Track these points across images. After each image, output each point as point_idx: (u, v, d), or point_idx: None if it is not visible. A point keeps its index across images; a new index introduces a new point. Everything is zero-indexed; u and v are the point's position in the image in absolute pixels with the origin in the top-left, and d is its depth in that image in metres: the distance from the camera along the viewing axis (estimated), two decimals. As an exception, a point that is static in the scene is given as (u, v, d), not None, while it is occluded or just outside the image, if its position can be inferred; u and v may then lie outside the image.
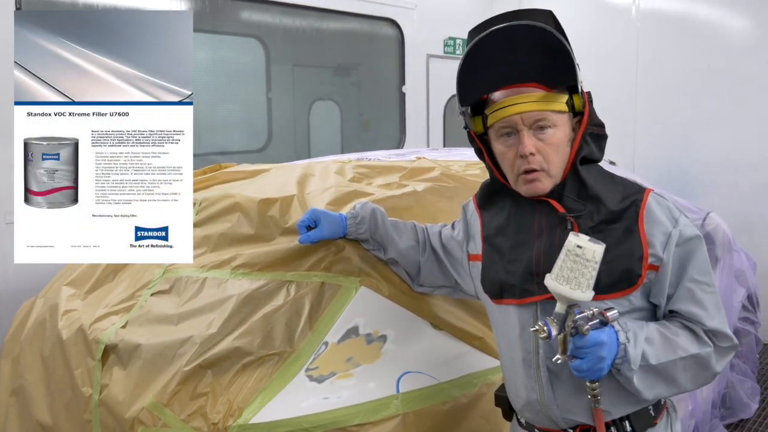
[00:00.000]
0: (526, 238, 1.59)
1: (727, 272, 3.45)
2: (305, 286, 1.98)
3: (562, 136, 1.53)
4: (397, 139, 5.79)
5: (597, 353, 1.38)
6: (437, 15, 5.91)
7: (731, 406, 3.77)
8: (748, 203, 5.06)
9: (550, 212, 1.56)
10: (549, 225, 1.56)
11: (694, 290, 1.50)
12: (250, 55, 5.04)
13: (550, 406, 1.58)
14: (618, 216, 1.52)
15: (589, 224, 1.52)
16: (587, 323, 1.38)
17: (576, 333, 1.38)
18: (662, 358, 1.45)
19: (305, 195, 2.33)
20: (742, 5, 5.10)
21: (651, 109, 5.57)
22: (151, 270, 2.28)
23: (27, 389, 2.23)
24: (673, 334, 1.48)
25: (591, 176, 1.56)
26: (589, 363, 1.39)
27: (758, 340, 3.96)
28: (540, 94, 1.51)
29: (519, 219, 1.63)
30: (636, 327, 1.46)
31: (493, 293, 1.66)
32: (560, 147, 1.53)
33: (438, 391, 1.88)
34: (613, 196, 1.54)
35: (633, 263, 1.49)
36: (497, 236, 1.67)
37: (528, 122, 1.51)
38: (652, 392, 1.48)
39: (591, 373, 1.40)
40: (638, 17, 5.61)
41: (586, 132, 1.55)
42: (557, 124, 1.52)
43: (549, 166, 1.52)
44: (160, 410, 1.80)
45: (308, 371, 1.84)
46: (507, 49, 1.50)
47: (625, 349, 1.42)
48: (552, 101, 1.51)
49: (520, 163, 1.53)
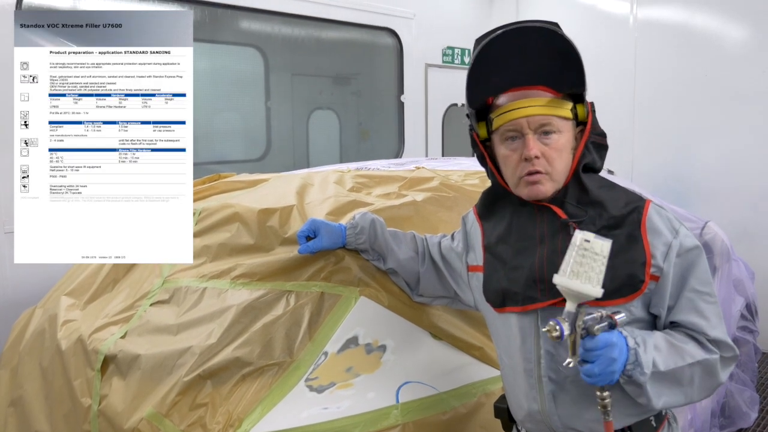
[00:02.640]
0: (528, 245, 1.60)
1: (726, 281, 3.45)
2: (305, 296, 1.98)
3: (566, 142, 1.54)
4: (395, 149, 5.80)
5: (609, 355, 1.36)
6: (436, 25, 5.94)
7: (730, 415, 3.76)
8: (746, 212, 5.07)
9: (552, 219, 1.57)
10: (551, 231, 1.57)
11: (696, 300, 1.50)
12: (249, 65, 5.05)
13: (551, 416, 1.58)
14: (620, 222, 1.52)
15: (591, 230, 1.50)
16: (597, 324, 1.37)
17: (586, 334, 1.37)
18: (671, 365, 1.44)
19: (305, 205, 2.34)
20: (739, 15, 5.12)
21: (649, 118, 5.59)
22: (151, 280, 2.28)
23: (26, 400, 2.23)
24: (679, 342, 1.48)
25: (593, 183, 1.57)
26: (600, 366, 1.36)
27: (757, 349, 3.96)
28: (546, 98, 1.52)
29: (520, 226, 1.63)
30: (644, 333, 1.46)
31: (495, 302, 1.66)
32: (563, 152, 1.54)
33: (437, 401, 1.88)
34: (614, 202, 1.55)
35: (636, 269, 1.49)
36: (499, 245, 1.67)
37: (533, 126, 1.52)
38: (660, 400, 1.46)
39: (602, 377, 1.37)
40: (636, 27, 5.64)
41: (589, 140, 1.56)
42: (561, 129, 1.53)
43: (552, 170, 1.53)
44: (160, 421, 1.79)
45: (308, 381, 1.84)
46: (517, 51, 1.51)
47: (636, 353, 1.40)
48: (558, 107, 1.52)
49: (524, 167, 1.53)
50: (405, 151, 5.77)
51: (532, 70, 1.52)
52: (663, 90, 5.48)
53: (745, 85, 5.05)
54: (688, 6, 5.35)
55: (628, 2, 5.68)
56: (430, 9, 5.90)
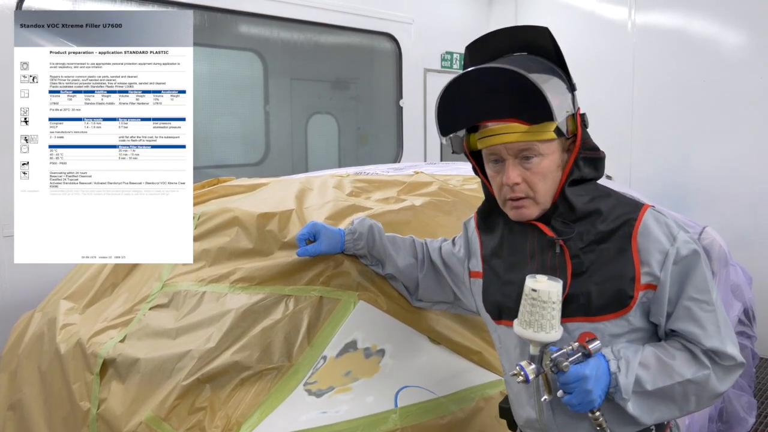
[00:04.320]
0: (519, 260, 1.60)
1: (724, 287, 3.46)
2: (304, 301, 1.98)
3: (550, 164, 1.51)
4: (394, 153, 5.81)
5: (582, 387, 1.38)
6: (434, 30, 5.96)
7: (728, 420, 3.76)
8: (744, 217, 5.08)
9: (541, 235, 1.56)
10: (540, 247, 1.57)
11: (692, 309, 1.48)
12: (248, 69, 5.06)
13: (549, 426, 1.58)
14: (608, 236, 1.51)
15: (579, 245, 1.51)
16: (567, 359, 1.38)
17: (557, 370, 1.39)
18: (659, 383, 1.44)
19: (304, 209, 2.34)
20: (737, 20, 5.14)
21: (647, 123, 5.60)
22: (150, 284, 2.29)
23: (24, 403, 2.23)
24: (669, 357, 1.47)
25: (581, 198, 1.54)
26: (578, 397, 1.39)
27: (755, 355, 3.96)
28: (525, 126, 1.49)
29: (512, 241, 1.64)
30: (630, 353, 1.45)
31: (492, 314, 1.68)
32: (548, 175, 1.51)
33: (436, 405, 1.88)
34: (604, 216, 1.53)
35: (624, 284, 1.48)
36: (493, 258, 1.68)
37: (513, 152, 1.50)
38: (652, 417, 1.47)
39: (582, 407, 1.40)
40: (634, 32, 5.65)
41: (579, 157, 1.54)
42: (544, 152, 1.50)
43: (535, 194, 1.52)
44: (159, 424, 1.80)
45: (307, 385, 1.84)
46: (484, 89, 1.50)
47: (616, 378, 1.42)
48: (538, 131, 1.48)
49: (506, 191, 1.54)
50: (403, 156, 5.78)
51: (502, 106, 1.50)
52: (661, 95, 5.49)
53: (742, 90, 5.06)
54: (686, 11, 5.36)
55: (626, 7, 5.70)
56: (429, 14, 5.92)
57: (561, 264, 1.52)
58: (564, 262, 1.52)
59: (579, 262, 1.51)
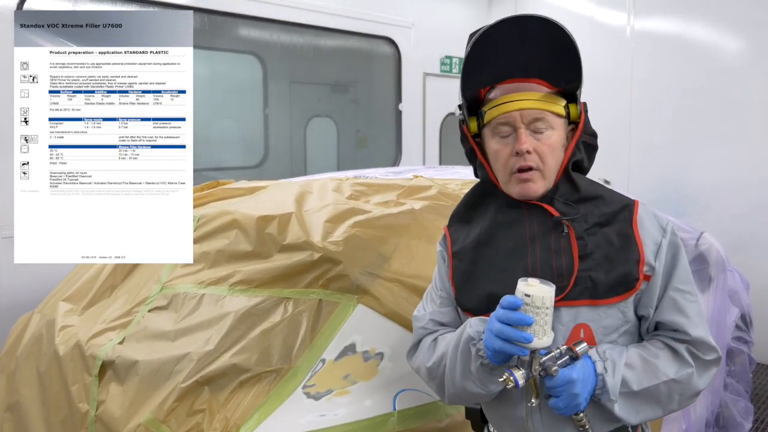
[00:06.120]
0: (518, 246, 1.55)
1: (721, 292, 3.47)
2: (303, 303, 1.99)
3: (558, 139, 1.51)
4: (393, 157, 5.82)
5: (570, 391, 1.38)
6: (434, 34, 5.97)
7: (725, 425, 3.76)
8: (742, 223, 5.09)
9: (542, 218, 1.53)
10: (542, 230, 1.53)
11: (677, 299, 1.49)
12: (247, 72, 5.07)
13: (536, 427, 1.57)
14: (611, 218, 1.51)
15: (583, 227, 1.50)
16: (555, 363, 1.38)
17: (546, 374, 1.38)
18: (645, 383, 1.44)
19: (303, 212, 2.35)
20: (735, 26, 5.15)
21: (645, 129, 5.61)
22: (149, 286, 2.29)
23: (23, 405, 2.23)
24: (653, 357, 1.47)
25: (583, 181, 1.56)
26: (564, 401, 1.39)
27: (752, 360, 3.96)
28: (541, 93, 1.49)
29: (507, 227, 1.57)
30: (615, 354, 1.45)
31: (478, 308, 1.55)
32: (555, 149, 1.51)
33: (434, 408, 1.89)
34: (605, 199, 1.54)
35: (631, 266, 1.47)
36: (480, 247, 1.60)
37: (526, 120, 1.49)
38: (638, 417, 1.47)
39: (568, 409, 1.40)
40: (632, 38, 5.67)
41: (580, 140, 1.55)
42: (554, 126, 1.51)
43: (544, 166, 1.50)
44: (157, 426, 1.80)
45: (305, 388, 1.84)
46: (516, 40, 1.49)
47: (603, 379, 1.42)
48: (552, 102, 1.50)
49: (515, 161, 1.50)
50: (402, 159, 5.78)
51: (530, 61, 1.50)
52: (659, 101, 5.50)
53: (741, 97, 5.07)
54: (685, 17, 5.38)
55: (625, 13, 5.71)
56: (428, 18, 5.93)
57: (566, 246, 1.50)
58: (569, 244, 1.49)
59: (584, 244, 1.49)
